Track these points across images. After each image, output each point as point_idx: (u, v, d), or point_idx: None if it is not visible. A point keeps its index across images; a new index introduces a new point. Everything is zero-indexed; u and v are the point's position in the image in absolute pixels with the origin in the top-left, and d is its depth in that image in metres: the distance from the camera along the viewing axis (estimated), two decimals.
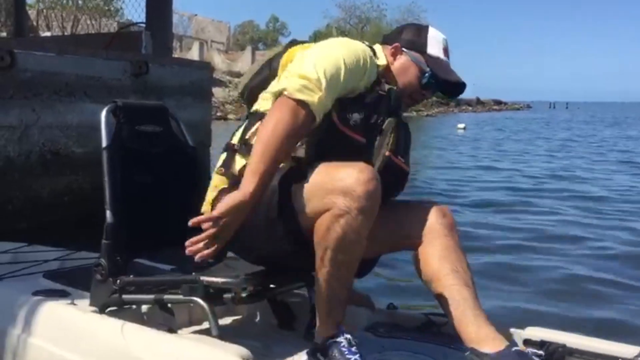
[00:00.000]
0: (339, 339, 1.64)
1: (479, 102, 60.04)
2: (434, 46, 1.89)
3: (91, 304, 1.95)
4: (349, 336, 1.64)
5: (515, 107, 70.17)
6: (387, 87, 1.80)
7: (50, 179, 4.32)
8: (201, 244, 1.56)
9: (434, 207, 1.81)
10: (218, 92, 24.86)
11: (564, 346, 1.82)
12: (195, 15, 38.45)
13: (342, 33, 42.63)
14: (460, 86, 1.93)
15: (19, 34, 6.31)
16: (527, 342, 1.89)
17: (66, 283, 2.18)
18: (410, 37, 1.91)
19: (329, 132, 1.71)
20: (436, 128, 25.11)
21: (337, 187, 1.55)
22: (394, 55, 1.90)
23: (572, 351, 1.83)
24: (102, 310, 1.91)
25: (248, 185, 1.56)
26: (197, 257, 1.57)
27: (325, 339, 1.65)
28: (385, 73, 1.86)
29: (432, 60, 1.88)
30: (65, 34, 10.91)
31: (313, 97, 1.62)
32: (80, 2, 12.19)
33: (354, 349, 1.62)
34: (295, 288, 2.07)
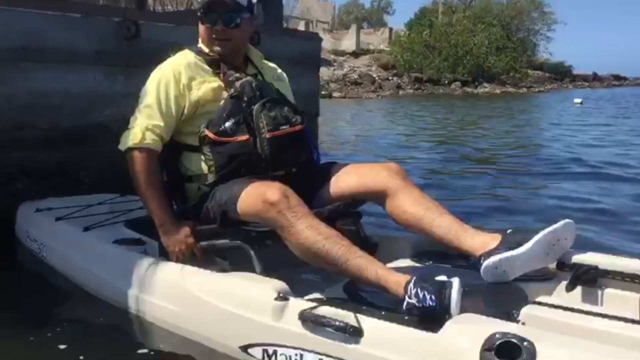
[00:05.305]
0: (407, 300, 1.63)
1: (595, 77, 56.34)
2: None
3: (160, 253, 2.28)
4: (414, 292, 1.61)
5: (638, 83, 65.22)
6: (238, 83, 2.09)
7: None
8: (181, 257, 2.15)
9: (385, 165, 2.13)
10: (323, 71, 25.03)
11: (596, 268, 1.83)
12: None
13: (449, 8, 41.36)
14: None
15: (140, 8, 6.63)
16: (561, 265, 1.92)
17: (142, 231, 2.49)
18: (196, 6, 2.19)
19: (219, 148, 2.02)
20: (550, 103, 23.81)
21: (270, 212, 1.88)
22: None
23: (604, 273, 1.84)
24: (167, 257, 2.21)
25: (157, 221, 2.17)
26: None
27: (402, 300, 1.65)
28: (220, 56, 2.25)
29: (199, 4, 2.25)
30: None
31: (136, 136, 2.08)
32: None
33: (423, 295, 1.59)
34: (344, 224, 2.20)
